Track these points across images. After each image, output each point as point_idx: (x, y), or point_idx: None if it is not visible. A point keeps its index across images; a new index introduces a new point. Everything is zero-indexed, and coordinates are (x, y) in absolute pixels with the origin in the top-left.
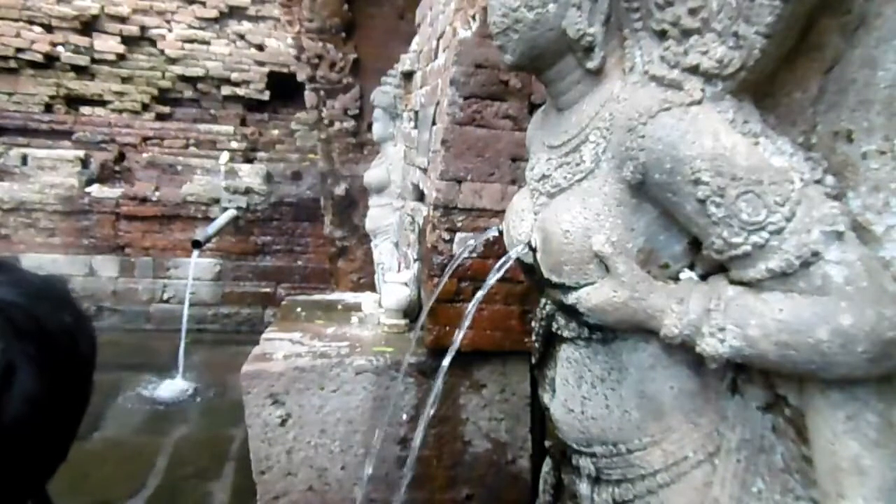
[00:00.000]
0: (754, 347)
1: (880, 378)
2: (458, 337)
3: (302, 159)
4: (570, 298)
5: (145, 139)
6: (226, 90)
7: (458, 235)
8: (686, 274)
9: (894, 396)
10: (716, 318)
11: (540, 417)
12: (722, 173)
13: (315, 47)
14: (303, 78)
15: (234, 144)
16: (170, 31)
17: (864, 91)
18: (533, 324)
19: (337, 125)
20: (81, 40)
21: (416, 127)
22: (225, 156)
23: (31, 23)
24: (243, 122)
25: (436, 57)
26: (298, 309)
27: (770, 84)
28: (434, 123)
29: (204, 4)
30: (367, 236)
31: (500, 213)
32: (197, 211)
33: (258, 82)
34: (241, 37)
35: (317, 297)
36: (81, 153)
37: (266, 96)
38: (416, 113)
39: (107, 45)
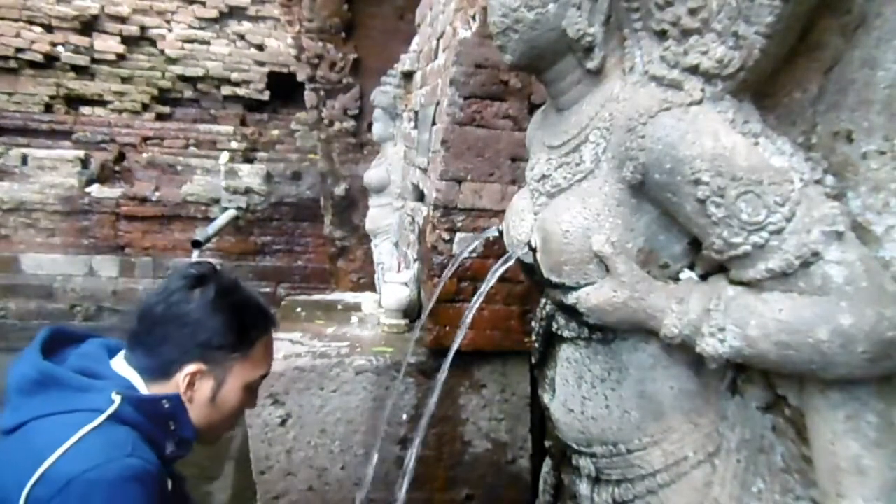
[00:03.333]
0: (754, 347)
1: (880, 378)
2: (459, 337)
3: (302, 159)
4: (570, 298)
5: (145, 139)
6: (226, 90)
7: (458, 235)
8: (686, 274)
9: (894, 396)
10: (716, 318)
11: (540, 417)
12: (722, 173)
13: (315, 47)
14: (303, 78)
15: (234, 144)
16: (170, 31)
17: (864, 91)
18: (533, 324)
19: (337, 125)
20: (81, 40)
21: (416, 127)
22: (225, 156)
23: (31, 23)
24: (243, 122)
25: (436, 57)
26: (298, 309)
27: (770, 84)
28: (434, 123)
29: (204, 4)
30: (367, 236)
31: (500, 213)
32: (197, 211)
33: (258, 82)
34: (241, 37)
35: (317, 297)
36: (81, 153)
37: (266, 96)
38: (416, 113)
39: (107, 45)
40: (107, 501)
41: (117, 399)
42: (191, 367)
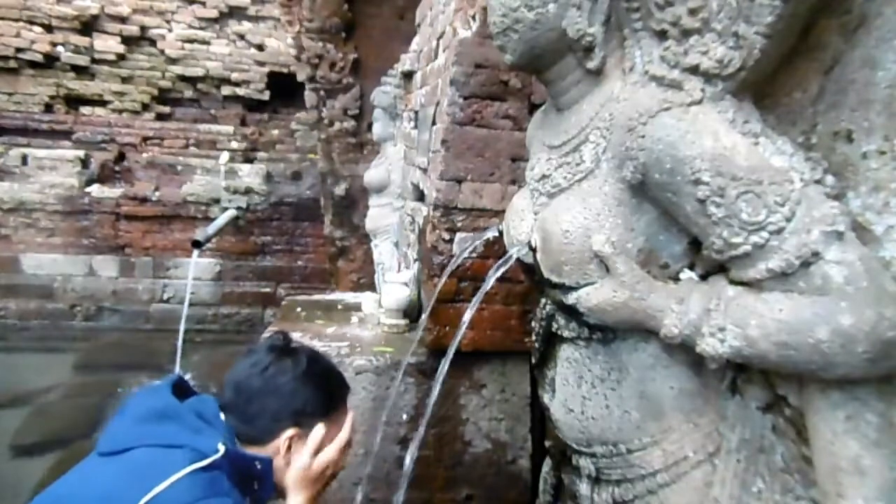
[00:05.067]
0: (754, 347)
1: (880, 378)
2: (458, 337)
3: (302, 159)
4: (570, 298)
5: (145, 139)
6: (226, 90)
7: (458, 235)
8: (686, 274)
9: (894, 396)
10: (716, 318)
11: (540, 417)
12: (722, 173)
13: (315, 47)
14: (303, 78)
15: (234, 144)
16: (170, 31)
17: (864, 91)
18: (533, 324)
19: (337, 125)
20: (81, 40)
21: (416, 127)
22: (225, 156)
23: (31, 23)
24: (243, 122)
25: (436, 57)
26: (298, 309)
27: (770, 84)
28: (434, 123)
29: (204, 4)
30: (367, 236)
31: (500, 213)
32: (197, 211)
33: (258, 82)
34: (241, 37)
35: (317, 297)
36: (81, 153)
37: (266, 96)
38: (416, 113)
39: (107, 45)
40: None
41: (222, 449)
42: (289, 432)
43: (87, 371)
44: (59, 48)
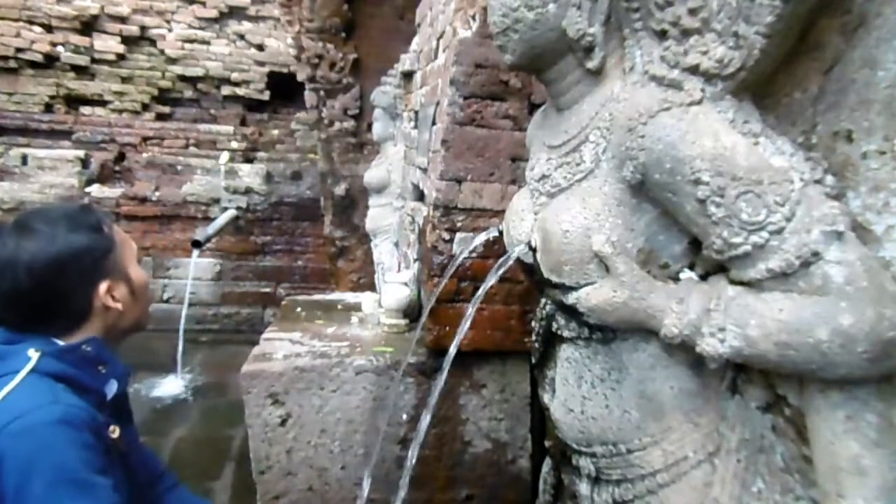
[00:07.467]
0: (754, 347)
1: (880, 378)
2: (458, 337)
3: (302, 159)
4: (570, 298)
5: (145, 139)
6: (226, 90)
7: (458, 235)
8: (686, 274)
9: (894, 396)
10: (716, 317)
11: (540, 417)
12: (722, 173)
13: (315, 47)
14: (303, 78)
15: (234, 144)
16: (170, 31)
17: (864, 91)
18: (533, 324)
19: (337, 125)
20: (81, 40)
21: (416, 127)
22: (225, 156)
23: (31, 23)
24: (243, 122)
25: (436, 57)
26: (298, 309)
27: (770, 84)
28: (434, 123)
29: (204, 4)
30: (367, 236)
31: (500, 213)
32: (197, 211)
33: (258, 82)
34: (241, 37)
35: (317, 297)
36: (81, 153)
37: (266, 96)
38: (416, 113)
39: (107, 45)
40: (36, 446)
41: (35, 355)
42: (102, 288)
43: None
44: (59, 48)
